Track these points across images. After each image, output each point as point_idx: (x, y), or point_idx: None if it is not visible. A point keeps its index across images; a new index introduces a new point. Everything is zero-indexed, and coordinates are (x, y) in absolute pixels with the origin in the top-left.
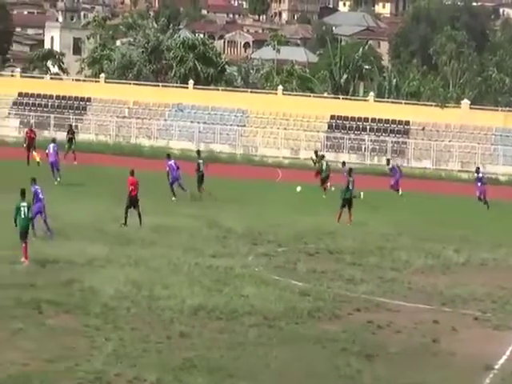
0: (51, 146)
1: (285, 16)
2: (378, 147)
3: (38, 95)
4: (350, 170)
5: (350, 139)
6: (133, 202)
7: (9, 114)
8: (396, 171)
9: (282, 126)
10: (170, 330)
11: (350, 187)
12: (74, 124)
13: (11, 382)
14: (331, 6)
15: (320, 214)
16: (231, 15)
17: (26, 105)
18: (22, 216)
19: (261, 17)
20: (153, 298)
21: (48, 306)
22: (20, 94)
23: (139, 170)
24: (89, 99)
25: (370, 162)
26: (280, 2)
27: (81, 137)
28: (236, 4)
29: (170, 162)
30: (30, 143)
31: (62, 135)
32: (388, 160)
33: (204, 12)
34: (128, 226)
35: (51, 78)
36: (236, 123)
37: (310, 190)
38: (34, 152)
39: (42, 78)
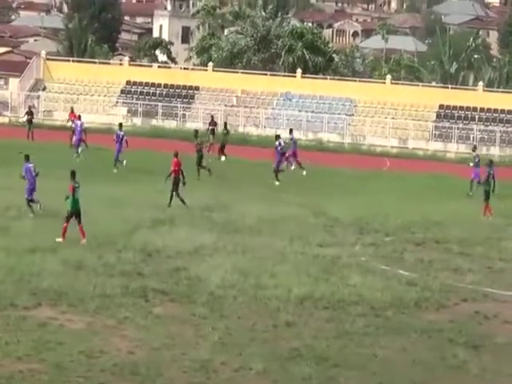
0: (78, 123)
1: (394, 5)
2: (486, 137)
3: (146, 84)
4: (491, 161)
5: (458, 129)
6: (176, 183)
7: (117, 102)
8: (295, 144)
9: (390, 115)
10: (277, 319)
11: (491, 179)
12: (182, 112)
13: (117, 370)
14: None
15: (427, 204)
16: (340, 4)
17: (133, 93)
18: (76, 197)
19: (370, 6)
20: (259, 287)
21: (154, 295)
22: (128, 83)
23: (245, 158)
24: (197, 88)
25: (479, 151)
26: None
27: (188, 125)
28: None
29: (120, 133)
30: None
31: (169, 123)
32: (291, 130)
33: (313, 1)
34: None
35: (159, 67)
36: (344, 112)
37: (414, 179)
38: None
39: (150, 66)
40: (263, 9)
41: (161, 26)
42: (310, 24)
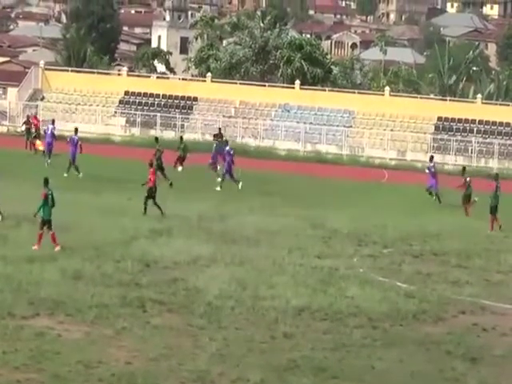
0: (50, 127)
1: (392, 17)
2: (484, 149)
3: (145, 94)
4: (497, 175)
5: (456, 141)
6: (152, 193)
7: (115, 112)
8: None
9: (388, 127)
10: (274, 331)
11: (498, 193)
12: (180, 123)
13: (115, 380)
14: (439, 7)
15: (425, 216)
16: (339, 16)
17: (132, 104)
18: (50, 204)
19: (368, 17)
20: (257, 298)
21: (152, 305)
22: (126, 93)
23: (244, 169)
24: (195, 98)
25: (477, 164)
26: (388, 3)
27: (186, 136)
28: (343, 4)
29: (75, 137)
30: (37, 131)
31: (168, 134)
32: (220, 129)
33: (311, 12)
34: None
35: (157, 77)
36: (342, 124)
37: (412, 191)
38: (37, 141)
39: (149, 76)
40: (262, 20)
41: (159, 37)
42: (309, 35)
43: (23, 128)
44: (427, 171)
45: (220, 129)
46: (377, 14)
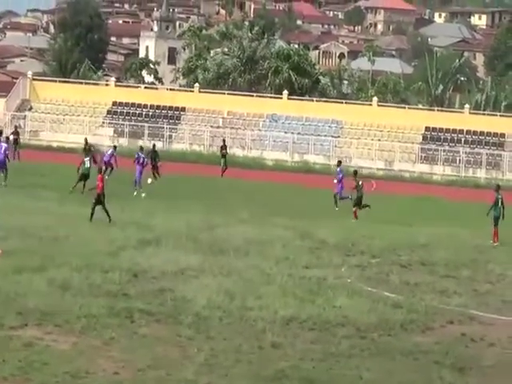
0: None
1: (380, 27)
2: (472, 159)
3: (133, 104)
4: (498, 186)
5: (444, 151)
6: (99, 199)
7: (103, 122)
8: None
9: (376, 137)
10: (262, 341)
11: (499, 204)
12: (168, 133)
13: None
14: (427, 17)
15: (413, 226)
16: (326, 26)
17: (120, 114)
18: None
19: (356, 28)
20: (245, 308)
21: (140, 315)
22: (114, 103)
23: (233, 178)
24: (183, 109)
25: (465, 174)
26: (375, 13)
27: (174, 146)
28: (331, 15)
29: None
30: None
31: (156, 144)
32: (224, 140)
33: (299, 22)
34: (92, 222)
35: (145, 88)
36: (330, 134)
37: (400, 201)
38: None
39: (137, 87)
40: (249, 30)
41: (147, 47)
42: (297, 45)
43: (11, 138)
44: (335, 181)
45: (224, 140)
46: (364, 24)
